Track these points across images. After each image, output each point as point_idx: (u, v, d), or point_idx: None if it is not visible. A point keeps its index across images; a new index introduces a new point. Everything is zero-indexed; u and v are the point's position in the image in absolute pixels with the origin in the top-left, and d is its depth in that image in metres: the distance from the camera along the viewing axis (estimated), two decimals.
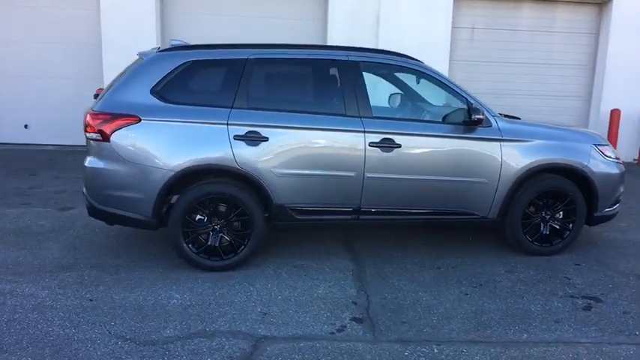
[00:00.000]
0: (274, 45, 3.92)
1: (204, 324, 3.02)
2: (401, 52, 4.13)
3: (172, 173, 3.57)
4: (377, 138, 3.79)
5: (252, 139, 3.65)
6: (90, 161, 3.69)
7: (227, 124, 3.64)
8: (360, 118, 3.80)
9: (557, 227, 4.23)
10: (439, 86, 4.04)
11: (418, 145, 3.88)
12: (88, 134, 3.66)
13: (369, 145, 3.78)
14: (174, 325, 2.99)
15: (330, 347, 2.81)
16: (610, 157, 4.25)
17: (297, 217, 3.83)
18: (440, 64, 8.04)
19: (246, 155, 3.64)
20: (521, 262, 4.10)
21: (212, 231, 3.75)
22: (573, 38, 9.29)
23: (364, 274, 3.83)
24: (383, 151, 3.80)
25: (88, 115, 3.65)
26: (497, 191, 4.00)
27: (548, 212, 4.20)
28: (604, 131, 8.93)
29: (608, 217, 4.38)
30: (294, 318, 3.13)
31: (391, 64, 4.02)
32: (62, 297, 3.31)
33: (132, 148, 3.58)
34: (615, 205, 4.37)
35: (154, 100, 3.63)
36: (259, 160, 3.66)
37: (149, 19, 8.52)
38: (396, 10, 8.67)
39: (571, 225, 4.22)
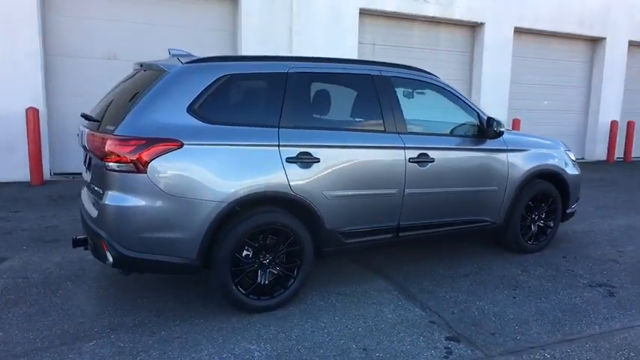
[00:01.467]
0: (309, 58, 3.64)
1: None
2: (419, 68, 4.20)
3: (224, 205, 3.06)
4: (415, 153, 3.79)
5: (305, 160, 3.33)
6: (114, 198, 2.95)
7: (278, 146, 3.26)
8: (399, 134, 3.76)
9: (541, 226, 4.75)
10: (454, 101, 4.20)
11: (448, 158, 3.99)
12: (109, 164, 2.93)
13: (409, 161, 3.76)
14: None
15: None
16: (574, 161, 4.93)
17: (346, 241, 3.61)
18: None
19: (299, 179, 3.31)
20: (524, 262, 4.49)
21: (260, 267, 3.32)
22: (453, 56, 10.47)
23: (410, 292, 3.77)
24: (420, 166, 3.81)
25: (110, 141, 2.92)
26: (504, 198, 4.33)
27: (536, 213, 4.68)
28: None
29: (573, 213, 5.06)
30: (396, 349, 2.95)
31: (416, 80, 4.05)
32: None
33: (173, 179, 2.98)
34: (577, 202, 5.06)
35: (194, 121, 3.08)
36: (312, 183, 3.36)
37: (29, 23, 7.13)
38: (308, 23, 8.73)
39: (552, 223, 4.77)
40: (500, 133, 4.13)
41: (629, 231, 5.61)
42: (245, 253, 3.24)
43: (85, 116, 3.42)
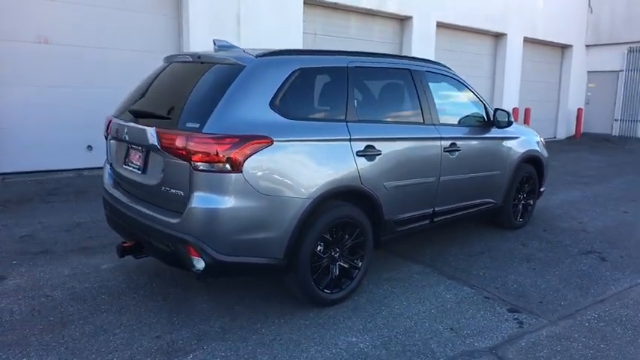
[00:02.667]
0: (363, 53, 3.69)
1: (443, 356, 2.81)
2: (441, 62, 4.43)
3: (310, 201, 3.02)
4: (448, 143, 4.04)
5: (371, 154, 3.40)
6: (205, 200, 2.75)
7: (349, 140, 3.28)
8: (434, 125, 3.98)
9: (524, 204, 5.32)
10: (467, 93, 4.53)
11: (471, 147, 4.31)
12: (198, 164, 2.72)
13: (444, 151, 4.00)
14: None
15: (546, 339, 3.04)
16: (544, 146, 5.58)
17: (397, 229, 3.75)
18: None
19: (367, 172, 3.37)
20: (519, 237, 5.01)
21: (331, 261, 3.33)
22: (385, 47, 10.96)
23: (447, 272, 4.04)
24: (450, 155, 4.07)
25: (198, 140, 2.71)
26: (505, 180, 4.79)
27: (522, 193, 5.24)
28: None
29: (543, 192, 5.72)
30: (477, 325, 3.19)
31: (440, 74, 4.28)
32: None
33: (265, 177, 2.87)
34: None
35: (277, 117, 2.97)
36: (376, 175, 3.44)
37: None
38: (255, 12, 8.54)
39: (531, 201, 5.38)
40: (510, 123, 4.56)
41: (576, 205, 6.49)
42: (319, 248, 3.24)
43: (136, 112, 3.12)
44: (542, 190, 5.57)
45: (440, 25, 11.51)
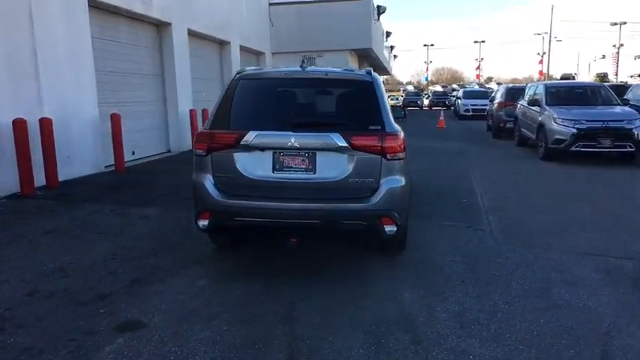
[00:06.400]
0: None
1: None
2: None
3: None
4: None
5: None
6: (393, 181, 3.63)
7: None
8: None
9: None
10: None
11: None
12: (388, 155, 3.57)
13: None
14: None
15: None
16: None
17: None
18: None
19: None
20: None
21: None
22: (147, 52, 10.85)
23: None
24: None
25: (388, 137, 3.60)
26: None
27: None
28: (185, 128, 11.47)
29: None
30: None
31: None
32: None
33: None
34: None
35: None
36: None
37: None
38: (48, 10, 7.36)
39: None
40: None
41: None
42: None
43: (301, 123, 3.53)
44: None
45: (190, 34, 12.15)
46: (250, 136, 3.52)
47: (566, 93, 11.08)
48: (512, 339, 2.95)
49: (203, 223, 3.65)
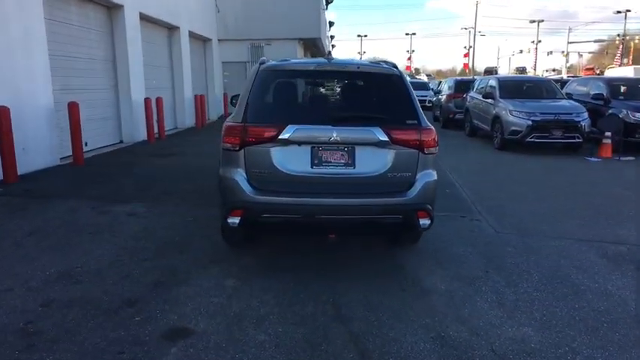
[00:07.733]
0: None
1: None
2: None
3: None
4: None
5: None
6: (428, 175, 3.66)
7: None
8: None
9: None
10: None
11: None
12: (425, 149, 3.59)
13: None
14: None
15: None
16: None
17: None
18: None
19: None
20: None
21: None
22: (98, 35, 10.10)
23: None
24: None
25: (425, 132, 3.60)
26: None
27: None
28: (138, 117, 10.87)
29: None
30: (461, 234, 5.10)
31: None
32: None
33: None
34: None
35: None
36: None
37: None
38: None
39: None
40: None
41: None
42: None
43: (341, 117, 3.35)
44: None
45: (142, 18, 11.45)
46: (289, 131, 3.38)
47: (517, 87, 11.70)
48: (559, 325, 3.09)
49: (233, 220, 3.47)
